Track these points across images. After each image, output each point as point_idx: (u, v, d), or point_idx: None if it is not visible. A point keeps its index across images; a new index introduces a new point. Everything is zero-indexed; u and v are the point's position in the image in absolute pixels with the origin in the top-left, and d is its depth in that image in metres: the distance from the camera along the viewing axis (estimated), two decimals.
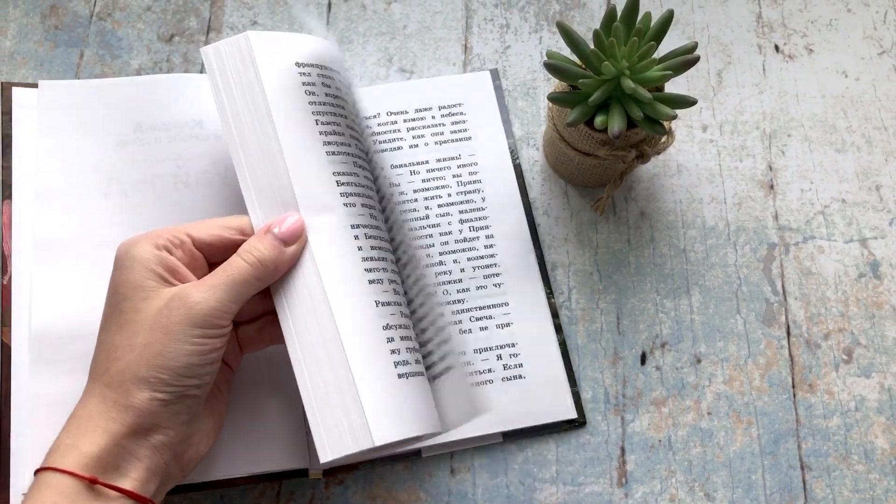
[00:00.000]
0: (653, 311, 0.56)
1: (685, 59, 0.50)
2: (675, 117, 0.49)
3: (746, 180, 0.60)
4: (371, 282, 0.45)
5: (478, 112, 0.61)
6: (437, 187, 0.58)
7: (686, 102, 0.50)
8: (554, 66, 0.51)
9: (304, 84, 0.48)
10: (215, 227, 0.45)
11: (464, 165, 0.59)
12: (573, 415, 0.53)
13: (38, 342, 0.51)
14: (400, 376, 0.44)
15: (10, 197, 0.54)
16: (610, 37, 0.50)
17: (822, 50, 0.63)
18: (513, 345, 0.54)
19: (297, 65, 0.48)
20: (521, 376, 0.54)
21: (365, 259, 0.46)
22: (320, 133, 0.47)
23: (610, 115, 0.49)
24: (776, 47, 0.64)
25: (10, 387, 0.50)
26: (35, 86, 0.57)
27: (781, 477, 0.53)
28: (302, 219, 0.45)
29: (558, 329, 0.55)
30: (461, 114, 0.60)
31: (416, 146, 0.59)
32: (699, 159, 0.60)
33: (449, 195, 0.58)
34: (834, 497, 0.52)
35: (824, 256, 0.58)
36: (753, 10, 0.65)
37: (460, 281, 0.56)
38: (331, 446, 0.43)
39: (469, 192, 0.58)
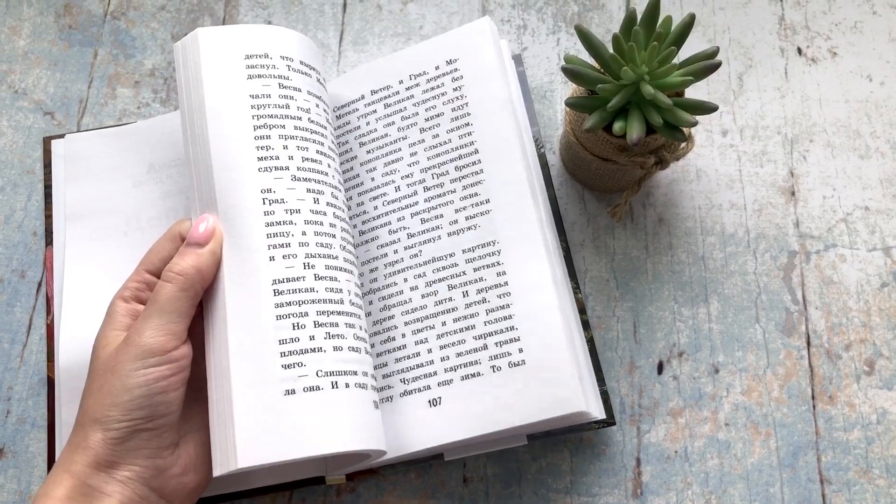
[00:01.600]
0: (670, 320, 0.55)
1: (706, 65, 0.49)
2: (695, 124, 0.48)
3: (767, 186, 0.59)
4: (277, 292, 0.45)
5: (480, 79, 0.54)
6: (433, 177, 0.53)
7: (707, 109, 0.49)
8: (572, 71, 0.50)
9: (249, 79, 0.48)
10: (162, 251, 0.47)
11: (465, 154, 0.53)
12: (596, 414, 0.48)
13: (66, 375, 0.52)
14: (288, 393, 0.43)
15: (51, 243, 0.56)
16: (629, 41, 0.49)
17: (847, 53, 0.62)
18: (516, 343, 0.49)
19: (247, 57, 0.49)
20: (532, 376, 0.48)
21: (273, 267, 0.45)
22: (255, 132, 0.47)
23: (629, 121, 0.49)
24: (799, 50, 0.62)
25: (54, 418, 0.52)
26: (63, 136, 0.59)
27: (800, 490, 0.52)
28: (213, 218, 0.46)
29: (585, 326, 0.53)
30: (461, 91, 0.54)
31: (405, 127, 0.55)
32: (719, 164, 0.59)
33: (445, 184, 0.52)
34: None
35: (846, 265, 0.56)
36: (776, 11, 0.63)
37: (463, 273, 0.50)
38: (221, 462, 0.42)
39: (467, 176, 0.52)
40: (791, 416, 0.53)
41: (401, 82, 0.55)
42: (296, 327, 0.44)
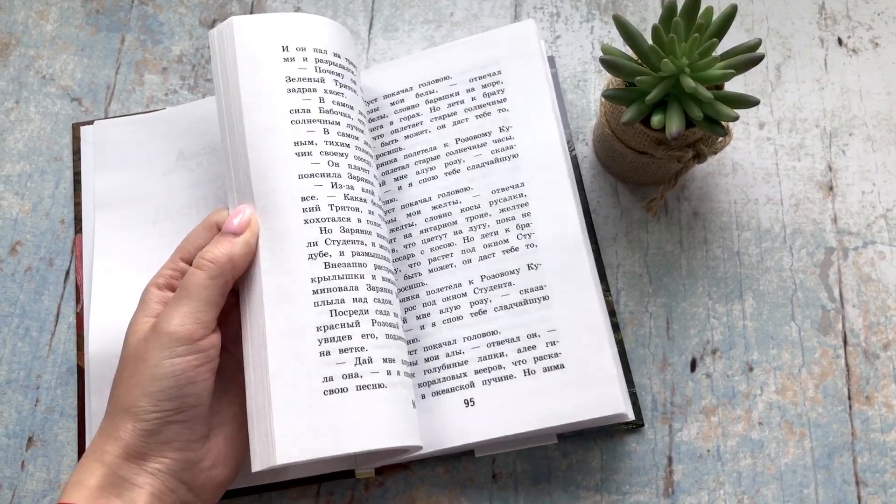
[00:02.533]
0: (704, 316, 0.54)
1: (748, 58, 0.47)
2: (736, 118, 0.47)
3: (804, 181, 0.57)
4: (316, 291, 0.44)
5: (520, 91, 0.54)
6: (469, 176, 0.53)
7: (748, 102, 0.48)
8: (610, 63, 0.49)
9: (285, 69, 0.47)
10: (198, 239, 0.46)
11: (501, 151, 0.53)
12: (630, 416, 0.49)
13: (95, 363, 0.52)
14: (328, 392, 0.43)
15: (80, 231, 0.56)
16: (670, 32, 0.48)
17: (889, 44, 0.60)
18: (554, 343, 0.49)
19: (283, 48, 0.48)
20: (572, 378, 0.48)
21: (311, 262, 0.45)
22: (292, 126, 0.46)
23: (668, 114, 0.47)
24: (839, 41, 0.61)
25: (84, 407, 0.53)
26: (92, 122, 0.59)
27: (835, 492, 0.51)
28: (250, 209, 0.45)
29: (615, 328, 0.53)
30: (500, 87, 0.54)
31: (444, 126, 0.54)
32: (755, 158, 0.58)
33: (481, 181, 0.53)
34: None
35: (885, 262, 0.55)
36: (816, 0, 0.62)
37: (498, 276, 0.51)
38: (260, 457, 0.42)
39: (508, 182, 0.52)
40: (826, 416, 0.52)
41: (446, 78, 0.55)
42: (335, 321, 0.44)
